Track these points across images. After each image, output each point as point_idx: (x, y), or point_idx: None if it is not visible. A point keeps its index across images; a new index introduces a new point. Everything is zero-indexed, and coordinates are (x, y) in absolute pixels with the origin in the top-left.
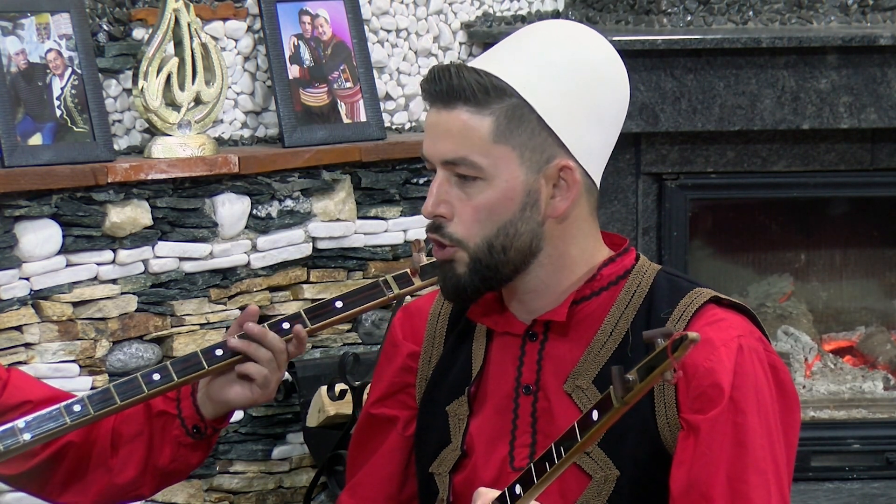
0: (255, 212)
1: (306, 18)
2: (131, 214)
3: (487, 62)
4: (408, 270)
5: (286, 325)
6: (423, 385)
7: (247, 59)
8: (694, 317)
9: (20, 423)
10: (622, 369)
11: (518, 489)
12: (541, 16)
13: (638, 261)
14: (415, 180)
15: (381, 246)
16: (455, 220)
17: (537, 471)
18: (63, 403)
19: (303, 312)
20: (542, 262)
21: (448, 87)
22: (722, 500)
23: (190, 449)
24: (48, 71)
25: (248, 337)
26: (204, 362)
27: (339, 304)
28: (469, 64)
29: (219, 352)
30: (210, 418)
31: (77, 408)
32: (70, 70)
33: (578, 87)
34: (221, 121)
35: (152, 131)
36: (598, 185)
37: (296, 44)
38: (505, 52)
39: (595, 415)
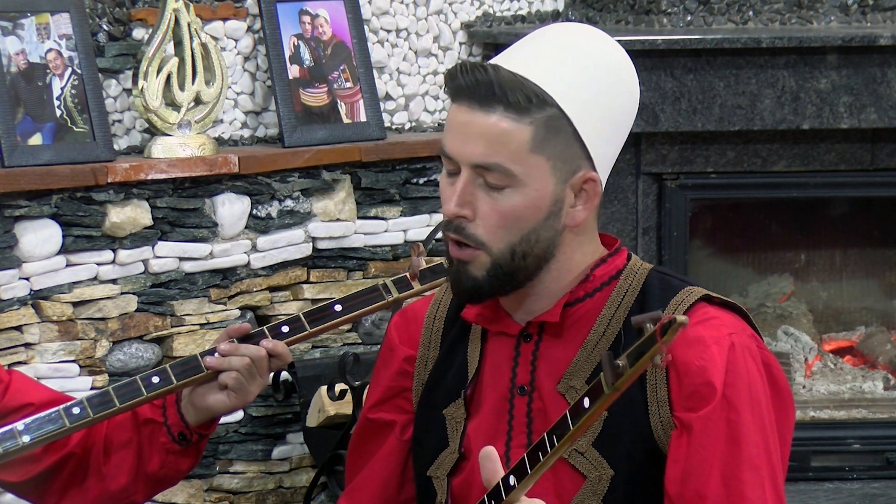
0: (255, 212)
1: (306, 18)
2: (131, 214)
3: (523, 67)
4: (407, 275)
5: (285, 329)
6: (419, 389)
7: (247, 59)
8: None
9: (19, 425)
10: (612, 355)
11: (512, 480)
12: (540, 16)
13: (629, 260)
14: (415, 180)
15: (381, 246)
16: (477, 222)
17: (531, 461)
18: (62, 406)
19: (302, 316)
20: (550, 267)
21: (486, 86)
22: (716, 497)
23: (178, 455)
24: (48, 71)
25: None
26: (203, 365)
27: (338, 307)
28: (501, 66)
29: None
30: (194, 425)
31: (76, 410)
32: (70, 70)
33: (607, 99)
34: (221, 121)
35: (152, 131)
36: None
37: (296, 44)
38: (538, 58)
39: (586, 402)
